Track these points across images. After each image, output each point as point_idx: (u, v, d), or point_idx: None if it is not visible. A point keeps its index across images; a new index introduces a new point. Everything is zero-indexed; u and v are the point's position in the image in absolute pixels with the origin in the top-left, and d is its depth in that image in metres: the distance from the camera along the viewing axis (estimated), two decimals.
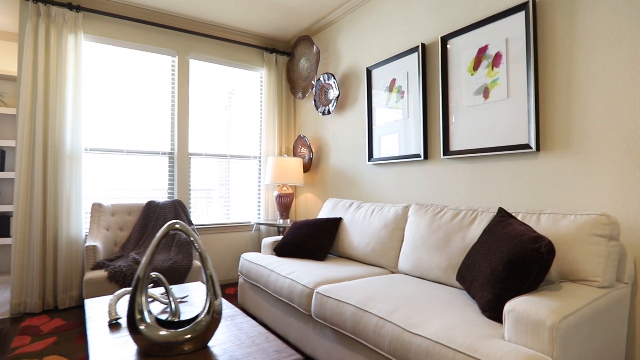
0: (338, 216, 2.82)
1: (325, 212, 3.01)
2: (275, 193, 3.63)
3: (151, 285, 1.84)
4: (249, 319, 1.57)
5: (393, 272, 2.32)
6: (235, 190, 3.98)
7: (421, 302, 1.61)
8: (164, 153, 3.57)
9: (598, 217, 1.51)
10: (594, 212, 1.54)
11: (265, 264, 2.42)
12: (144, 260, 1.24)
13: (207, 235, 3.74)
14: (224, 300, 1.80)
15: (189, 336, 1.20)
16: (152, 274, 1.50)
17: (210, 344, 1.33)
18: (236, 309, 1.69)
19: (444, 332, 1.31)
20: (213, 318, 1.28)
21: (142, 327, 1.20)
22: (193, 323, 1.24)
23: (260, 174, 4.10)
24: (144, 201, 3.34)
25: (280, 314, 2.25)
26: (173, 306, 1.46)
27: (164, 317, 1.54)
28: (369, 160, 3.07)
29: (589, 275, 1.47)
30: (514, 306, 1.25)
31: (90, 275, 2.44)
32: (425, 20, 2.64)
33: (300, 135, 3.93)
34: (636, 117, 1.63)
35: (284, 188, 3.64)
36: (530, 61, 1.97)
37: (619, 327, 1.47)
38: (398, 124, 2.83)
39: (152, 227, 3.17)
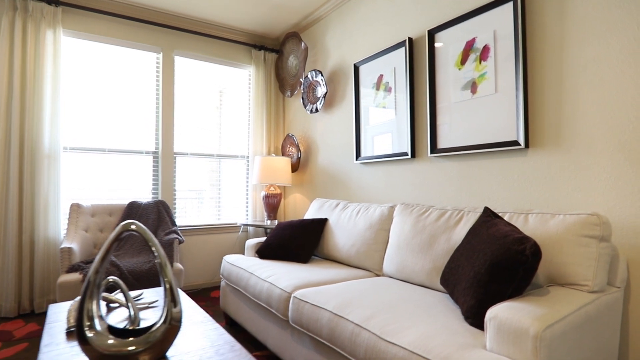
0: (324, 217, 2.72)
1: (311, 212, 2.91)
2: (263, 193, 3.54)
3: (118, 290, 1.74)
4: (217, 325, 1.47)
5: (377, 275, 2.22)
6: (225, 191, 3.89)
7: (401, 307, 1.51)
8: (147, 152, 3.48)
9: (588, 217, 1.42)
10: (584, 212, 1.44)
11: (246, 267, 2.32)
12: (95, 262, 1.15)
13: (194, 236, 3.64)
14: (194, 306, 1.70)
15: (138, 347, 1.11)
16: (110, 277, 1.41)
17: (169, 353, 1.23)
18: (206, 315, 1.60)
19: (422, 341, 1.21)
20: (171, 326, 1.18)
21: (90, 336, 1.10)
22: (147, 332, 1.14)
23: (248, 174, 4.00)
24: (127, 202, 3.24)
25: (259, 319, 2.15)
26: (132, 313, 1.36)
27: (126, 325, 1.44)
28: (356, 159, 2.98)
29: (579, 278, 1.38)
30: (496, 313, 1.15)
31: (64, 278, 2.34)
32: (412, 13, 2.55)
33: (288, 134, 3.83)
34: (628, 111, 1.54)
35: (272, 188, 3.54)
36: (519, 54, 1.88)
37: (610, 334, 1.38)
38: (385, 121, 2.73)
39: None
